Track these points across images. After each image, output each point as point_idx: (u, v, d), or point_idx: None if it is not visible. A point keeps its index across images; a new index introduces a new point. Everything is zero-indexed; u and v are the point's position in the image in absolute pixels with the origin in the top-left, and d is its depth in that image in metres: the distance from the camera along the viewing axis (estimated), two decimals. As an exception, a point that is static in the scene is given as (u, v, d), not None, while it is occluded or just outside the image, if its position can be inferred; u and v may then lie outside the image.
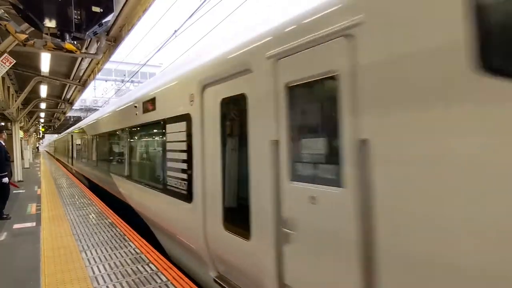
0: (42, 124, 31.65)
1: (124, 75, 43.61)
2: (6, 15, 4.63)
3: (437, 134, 1.49)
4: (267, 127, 2.51)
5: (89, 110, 36.98)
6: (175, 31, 10.44)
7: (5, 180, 6.85)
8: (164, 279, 3.59)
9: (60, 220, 6.40)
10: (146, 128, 5.55)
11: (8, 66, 5.87)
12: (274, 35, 2.50)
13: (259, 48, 2.63)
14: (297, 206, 2.26)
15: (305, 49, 2.16)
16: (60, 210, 7.42)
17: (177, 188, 4.09)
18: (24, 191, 10.59)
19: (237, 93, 2.93)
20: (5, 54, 5.69)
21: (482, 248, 1.35)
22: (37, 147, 51.63)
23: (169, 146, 4.33)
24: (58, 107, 18.56)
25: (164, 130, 4.45)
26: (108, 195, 8.54)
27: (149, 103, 5.12)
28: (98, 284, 3.52)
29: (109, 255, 4.38)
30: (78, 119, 35.38)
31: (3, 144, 7.12)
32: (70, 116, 36.76)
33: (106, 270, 3.87)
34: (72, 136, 17.41)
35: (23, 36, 4.90)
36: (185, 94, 3.84)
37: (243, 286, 3.02)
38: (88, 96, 42.29)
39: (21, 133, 17.24)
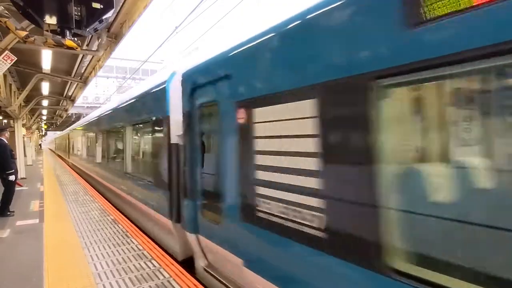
0: (44, 121, 31.73)
1: (126, 72, 43.65)
2: (6, 12, 4.62)
3: None
4: None
5: (91, 107, 37.07)
6: (176, 27, 10.38)
7: (12, 177, 6.89)
8: (166, 275, 3.61)
9: (63, 217, 6.43)
10: None
11: (9, 63, 5.86)
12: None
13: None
14: None
15: None
16: (63, 207, 7.46)
17: None
18: (27, 188, 10.65)
19: None
20: (6, 51, 5.69)
21: None
22: (40, 145, 51.77)
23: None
24: (60, 104, 18.61)
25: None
26: None
27: None
28: (101, 280, 3.53)
29: (112, 251, 4.40)
30: (80, 116, 35.49)
31: (7, 142, 7.15)
32: (72, 113, 36.87)
33: (108, 267, 3.89)
34: None
35: (23, 33, 4.89)
36: None
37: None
38: (90, 94, 42.41)
39: (24, 131, 17.29)
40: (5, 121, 15.93)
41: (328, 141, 2.02)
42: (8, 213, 6.83)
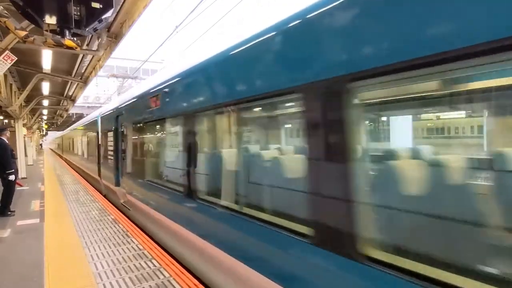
0: (45, 121, 31.76)
1: (126, 71, 43.69)
2: (5, 12, 4.62)
3: None
4: None
5: (92, 107, 37.10)
6: (176, 27, 10.38)
7: (12, 177, 6.90)
8: (166, 275, 3.61)
9: (64, 217, 6.45)
10: None
11: (9, 63, 5.87)
12: None
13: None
14: None
15: None
16: (64, 206, 7.47)
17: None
18: (27, 188, 10.66)
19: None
20: (7, 52, 5.69)
21: None
22: (40, 144, 51.81)
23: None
24: (61, 104, 18.62)
25: None
26: None
27: None
28: (101, 280, 3.54)
29: (112, 251, 4.41)
30: (81, 116, 35.51)
31: (8, 142, 7.16)
32: (72, 113, 36.91)
33: (109, 266, 3.89)
34: None
35: (22, 33, 4.89)
36: None
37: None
38: (90, 93, 42.42)
39: (24, 130, 17.31)
40: (6, 121, 15.96)
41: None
42: (9, 212, 6.84)
